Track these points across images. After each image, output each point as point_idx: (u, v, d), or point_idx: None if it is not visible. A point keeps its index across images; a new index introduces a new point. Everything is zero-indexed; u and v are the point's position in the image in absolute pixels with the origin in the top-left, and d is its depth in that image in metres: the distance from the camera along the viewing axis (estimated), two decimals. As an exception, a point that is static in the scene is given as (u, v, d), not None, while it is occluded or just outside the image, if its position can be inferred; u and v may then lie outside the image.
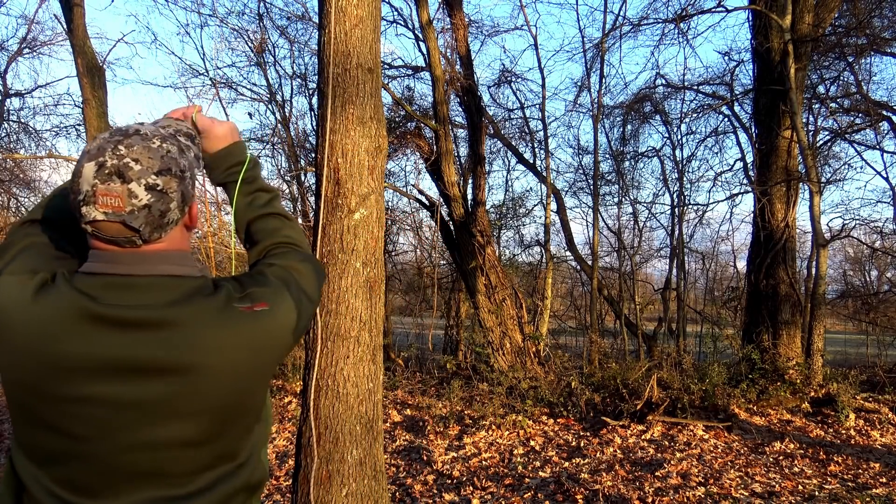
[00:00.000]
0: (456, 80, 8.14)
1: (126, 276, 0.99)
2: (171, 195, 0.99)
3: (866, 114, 9.21)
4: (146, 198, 0.96)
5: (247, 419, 1.09)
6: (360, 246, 2.66)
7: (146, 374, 0.95)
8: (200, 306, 1.00)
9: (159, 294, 0.99)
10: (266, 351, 1.06)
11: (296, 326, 1.12)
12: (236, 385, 1.03)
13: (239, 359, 1.01)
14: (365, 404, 2.66)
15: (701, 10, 8.92)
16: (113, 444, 0.96)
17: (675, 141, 12.43)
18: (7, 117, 13.37)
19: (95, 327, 0.94)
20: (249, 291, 1.08)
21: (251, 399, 1.08)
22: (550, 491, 4.28)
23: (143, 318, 0.96)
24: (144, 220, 0.97)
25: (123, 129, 1.01)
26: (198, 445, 1.01)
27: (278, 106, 11.86)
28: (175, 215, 1.02)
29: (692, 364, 7.39)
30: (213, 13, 15.13)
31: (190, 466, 1.01)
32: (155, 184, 0.97)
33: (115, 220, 0.95)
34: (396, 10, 11.38)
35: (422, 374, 8.95)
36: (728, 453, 5.10)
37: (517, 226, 13.83)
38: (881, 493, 4.08)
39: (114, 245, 0.99)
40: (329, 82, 2.66)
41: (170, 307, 0.98)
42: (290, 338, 1.11)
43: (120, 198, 0.94)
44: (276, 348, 1.08)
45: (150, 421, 0.97)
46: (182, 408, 0.98)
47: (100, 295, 0.96)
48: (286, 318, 1.09)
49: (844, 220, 12.49)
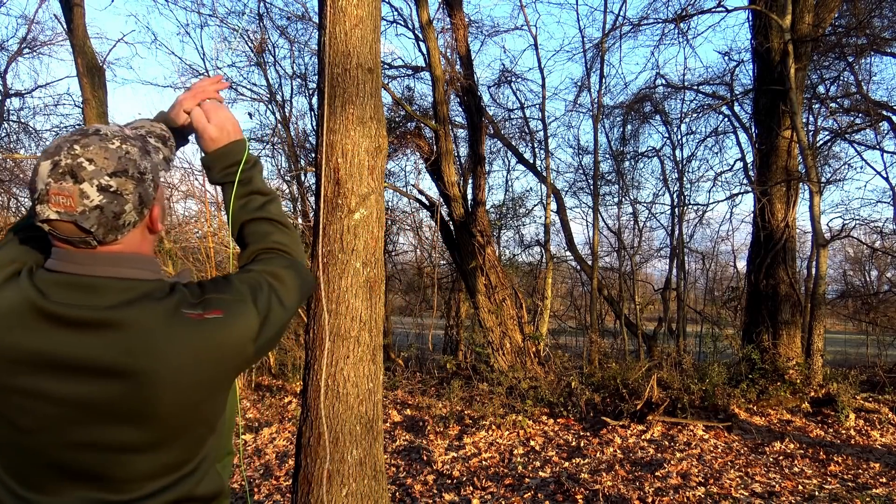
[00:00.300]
0: (456, 80, 8.14)
1: (76, 276, 0.99)
2: (126, 197, 0.98)
3: (866, 114, 9.21)
4: (98, 199, 0.95)
5: (197, 430, 1.05)
6: (360, 246, 2.66)
7: (87, 374, 0.95)
8: (147, 310, 0.99)
9: (106, 295, 0.98)
10: (215, 360, 1.02)
11: (257, 336, 1.07)
12: (182, 394, 0.99)
13: (183, 366, 0.98)
14: (365, 404, 2.66)
15: (701, 10, 8.93)
16: (56, 440, 0.96)
17: (675, 141, 12.44)
18: (7, 117, 13.37)
19: (41, 323, 0.95)
20: (206, 298, 1.05)
21: (202, 409, 1.03)
22: (550, 491, 4.28)
23: (86, 318, 0.96)
24: (96, 221, 0.96)
25: (85, 128, 1.01)
26: (141, 452, 0.99)
27: (278, 106, 11.87)
28: (131, 217, 1.00)
29: (692, 364, 7.39)
30: (213, 13, 15.13)
31: (133, 472, 0.99)
32: (108, 185, 0.96)
33: (68, 220, 0.95)
34: (396, 10, 11.38)
35: (422, 374, 8.95)
36: (728, 453, 5.10)
37: (517, 226, 13.84)
38: (881, 493, 4.08)
39: (69, 245, 0.99)
40: (329, 82, 2.66)
41: (114, 309, 0.97)
42: (248, 348, 1.06)
43: (71, 198, 0.94)
44: (229, 358, 1.03)
45: (91, 421, 0.96)
46: (123, 412, 0.96)
47: (50, 292, 0.97)
48: (243, 328, 1.05)
49: (844, 220, 12.50)
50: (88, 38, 7.56)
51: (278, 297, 1.14)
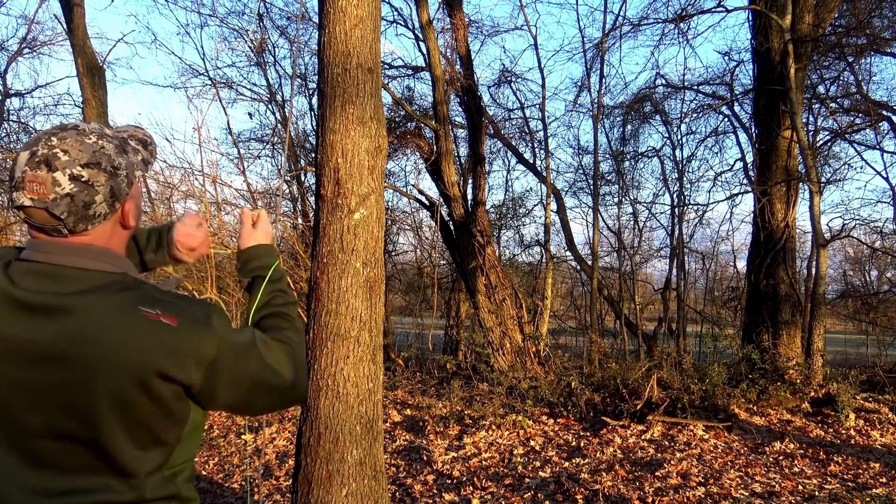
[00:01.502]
0: (456, 80, 8.14)
1: (43, 264, 1.02)
2: (97, 188, 1.02)
3: (866, 114, 9.20)
4: (69, 187, 0.99)
5: (137, 434, 1.02)
6: (360, 246, 2.66)
7: (41, 360, 0.98)
8: (103, 299, 1.01)
9: (68, 284, 1.01)
10: (152, 364, 0.99)
11: (208, 366, 1.04)
12: (123, 390, 0.98)
13: (123, 359, 0.98)
14: (365, 404, 2.66)
15: (701, 10, 8.93)
16: (12, 426, 0.99)
17: (675, 141, 12.44)
18: (7, 117, 13.36)
19: (9, 310, 0.99)
20: (169, 301, 1.05)
21: (135, 411, 1.00)
22: (550, 491, 4.28)
23: (45, 304, 0.99)
24: (67, 208, 1.00)
25: (65, 124, 1.06)
26: (83, 444, 0.99)
27: (278, 106, 11.87)
28: (102, 209, 1.04)
29: (692, 364, 7.38)
30: (213, 13, 15.09)
31: (72, 463, 1.00)
32: (80, 175, 1.00)
33: (40, 207, 0.99)
34: (396, 10, 11.37)
35: (422, 374, 8.95)
36: (728, 453, 5.09)
37: (517, 226, 13.84)
38: (881, 493, 4.08)
39: (42, 233, 1.03)
40: (329, 82, 2.66)
41: (72, 296, 1.00)
42: (192, 372, 1.03)
43: (44, 185, 0.99)
44: (167, 366, 1.00)
45: (36, 406, 0.98)
46: (64, 399, 0.98)
47: (18, 279, 1.01)
48: (193, 345, 1.03)
49: (844, 220, 12.50)
50: (88, 38, 7.56)
51: (255, 353, 1.13)
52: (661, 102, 12.08)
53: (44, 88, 21.65)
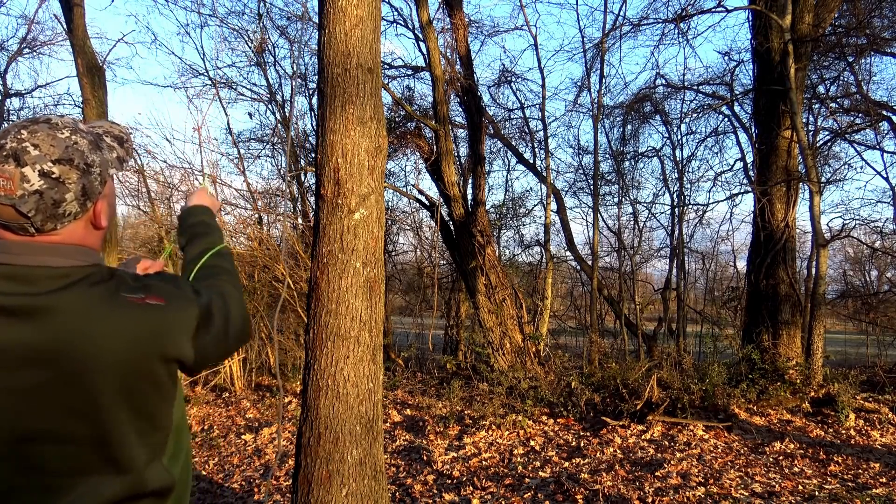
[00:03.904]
0: (456, 80, 8.13)
1: (10, 266, 0.96)
2: (67, 185, 0.97)
3: (866, 114, 9.20)
4: (38, 183, 0.95)
5: (137, 423, 1.01)
6: (360, 246, 2.66)
7: (27, 362, 0.93)
8: (83, 294, 0.97)
9: (39, 283, 0.96)
10: (154, 349, 1.00)
11: (195, 335, 1.06)
12: (120, 381, 0.97)
13: (119, 350, 0.96)
14: (365, 404, 2.66)
15: (701, 10, 8.93)
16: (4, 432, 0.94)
17: (675, 141, 12.44)
18: (7, 117, 13.36)
19: None
20: (148, 283, 1.04)
21: (141, 401, 1.00)
22: (550, 491, 4.28)
23: (21, 306, 0.94)
24: (35, 206, 0.95)
25: (37, 116, 1.01)
26: (84, 444, 0.96)
27: (278, 106, 11.87)
28: (72, 208, 0.99)
29: (692, 364, 7.38)
30: (213, 13, 15.12)
31: (77, 466, 0.97)
32: (50, 171, 0.96)
33: (7, 204, 0.95)
34: (396, 10, 11.38)
35: (422, 374, 8.95)
36: (728, 453, 5.09)
37: (517, 226, 13.84)
38: (881, 493, 4.07)
39: (9, 232, 0.98)
40: (329, 82, 2.66)
41: (48, 295, 0.95)
42: (185, 346, 1.04)
43: (11, 181, 0.94)
44: (168, 349, 1.01)
45: (29, 411, 0.94)
46: (63, 400, 0.94)
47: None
48: (183, 319, 1.04)
49: (844, 220, 12.50)
50: (88, 38, 7.56)
51: (223, 309, 1.15)
52: (661, 102, 12.08)
53: (44, 88, 21.63)
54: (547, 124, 10.29)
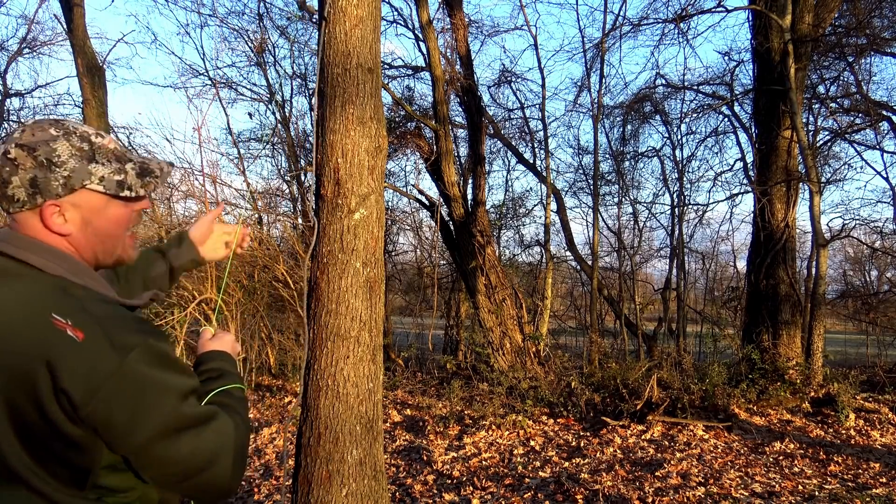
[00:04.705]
0: (456, 80, 8.13)
1: None
2: (18, 170, 0.98)
3: (866, 114, 9.20)
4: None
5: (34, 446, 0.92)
6: (360, 246, 2.66)
7: None
8: (11, 291, 0.94)
9: None
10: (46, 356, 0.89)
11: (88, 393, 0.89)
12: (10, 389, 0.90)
13: (16, 348, 0.90)
14: (365, 404, 2.66)
15: (701, 10, 8.93)
16: None
17: (675, 141, 12.44)
18: (7, 117, 13.36)
19: None
20: (96, 317, 0.95)
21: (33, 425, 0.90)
22: (550, 491, 4.28)
23: None
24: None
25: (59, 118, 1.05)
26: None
27: (278, 106, 11.87)
28: (20, 194, 0.98)
29: (692, 364, 7.39)
30: (213, 13, 15.08)
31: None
32: (8, 151, 0.98)
33: None
34: (396, 10, 11.38)
35: (422, 374, 8.95)
36: (728, 453, 5.09)
37: (517, 226, 13.85)
38: (881, 493, 4.07)
39: None
40: (329, 82, 2.66)
41: None
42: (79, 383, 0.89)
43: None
44: (60, 368, 0.89)
45: None
46: None
47: None
48: (85, 366, 0.90)
49: (844, 220, 12.50)
50: (88, 38, 7.56)
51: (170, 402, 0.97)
52: (661, 102, 12.09)
53: (44, 88, 21.61)
54: (547, 124, 10.30)
